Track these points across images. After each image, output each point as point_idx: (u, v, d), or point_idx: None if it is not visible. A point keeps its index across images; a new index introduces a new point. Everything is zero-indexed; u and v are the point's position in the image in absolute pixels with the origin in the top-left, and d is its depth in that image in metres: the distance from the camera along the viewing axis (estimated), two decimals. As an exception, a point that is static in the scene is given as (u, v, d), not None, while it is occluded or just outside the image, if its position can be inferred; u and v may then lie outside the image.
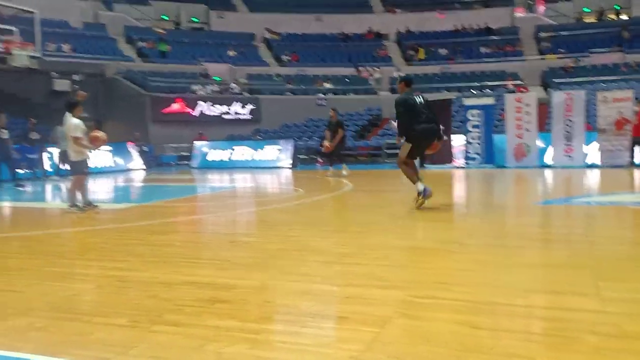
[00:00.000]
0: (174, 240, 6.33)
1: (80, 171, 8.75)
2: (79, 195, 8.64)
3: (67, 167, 10.46)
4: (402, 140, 7.77)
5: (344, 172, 14.59)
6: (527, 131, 16.48)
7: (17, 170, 15.55)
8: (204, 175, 17.84)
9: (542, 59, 29.12)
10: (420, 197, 7.51)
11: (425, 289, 3.67)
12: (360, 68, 29.49)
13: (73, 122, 8.47)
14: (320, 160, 20.47)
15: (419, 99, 7.67)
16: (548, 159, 16.50)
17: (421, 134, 7.62)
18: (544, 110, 19.57)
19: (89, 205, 8.69)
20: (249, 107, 26.29)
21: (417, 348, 2.64)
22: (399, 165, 7.91)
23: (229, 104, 26.04)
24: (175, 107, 25.20)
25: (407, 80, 8.03)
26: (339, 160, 15.34)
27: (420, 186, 7.50)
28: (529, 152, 16.48)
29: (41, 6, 24.55)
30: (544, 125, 19.11)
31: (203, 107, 25.60)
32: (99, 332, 3.01)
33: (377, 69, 28.83)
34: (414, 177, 7.69)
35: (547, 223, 6.85)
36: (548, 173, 14.60)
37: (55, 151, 17.30)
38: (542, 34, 30.66)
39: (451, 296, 3.50)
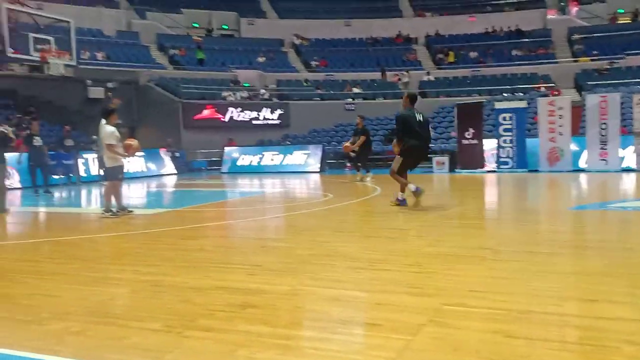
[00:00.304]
0: (205, 245, 6.40)
1: (115, 177, 8.94)
2: (113, 201, 8.82)
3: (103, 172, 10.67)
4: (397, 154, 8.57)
5: (367, 179, 14.56)
6: (560, 135, 16.19)
7: (53, 176, 15.96)
8: (234, 181, 18.01)
9: (575, 61, 28.57)
10: (395, 202, 8.45)
11: (457, 297, 3.63)
12: (386, 72, 29.36)
13: (108, 130, 8.66)
14: (348, 165, 20.47)
15: (418, 117, 8.36)
16: (582, 163, 16.17)
17: (411, 149, 8.34)
18: (577, 113, 19.18)
19: (123, 210, 8.86)
20: (278, 112, 26.44)
21: (449, 357, 2.62)
22: (390, 175, 8.71)
23: (258, 110, 26.25)
24: (206, 113, 25.50)
25: (412, 97, 8.74)
26: (363, 166, 15.32)
27: (409, 190, 8.40)
28: (562, 156, 16.18)
29: (76, 15, 25.19)
30: (577, 128, 18.72)
31: (233, 113, 25.85)
32: (134, 336, 3.06)
33: (406, 73, 28.67)
34: (404, 186, 8.51)
35: (581, 229, 6.71)
36: (582, 177, 14.30)
37: (90, 157, 17.72)
38: (575, 36, 30.06)
39: (484, 304, 3.46)
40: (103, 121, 8.79)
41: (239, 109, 25.96)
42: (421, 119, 8.38)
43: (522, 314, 3.25)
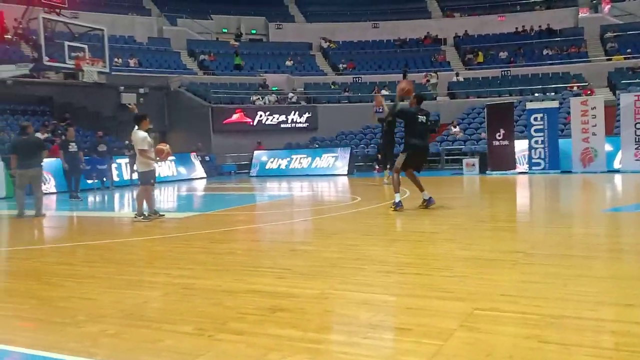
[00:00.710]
0: (235, 248, 6.46)
1: (147, 182, 9.10)
2: (145, 205, 8.98)
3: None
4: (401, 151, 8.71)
5: (385, 180, 14.42)
6: (593, 135, 15.85)
7: (87, 180, 16.32)
8: (263, 184, 18.13)
9: (608, 59, 27.95)
10: (393, 207, 8.43)
11: (490, 301, 3.59)
12: (407, 74, 29.19)
13: (140, 136, 8.83)
14: (377, 167, 20.40)
15: (422, 117, 8.50)
16: (617, 163, 15.79)
17: (413, 147, 8.46)
18: (611, 113, 18.76)
19: (155, 214, 9.02)
20: (306, 115, 26.54)
21: (482, 362, 2.59)
22: (394, 172, 8.76)
23: (286, 113, 26.40)
24: (235, 117, 25.76)
25: (420, 97, 8.85)
26: (391, 167, 15.24)
27: (397, 197, 8.47)
28: (596, 156, 15.83)
29: (109, 23, 25.75)
30: (612, 128, 18.31)
31: (261, 117, 26.05)
32: (168, 339, 3.12)
33: (433, 74, 28.45)
34: (397, 187, 8.58)
35: (616, 232, 6.56)
36: (617, 178, 13.97)
37: (122, 162, 18.06)
38: (608, 34, 29.42)
39: (517, 309, 3.41)
40: (135, 127, 8.97)
41: (268, 113, 26.15)
42: (424, 120, 8.53)
43: (555, 318, 3.19)
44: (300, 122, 26.50)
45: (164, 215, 9.17)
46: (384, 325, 3.26)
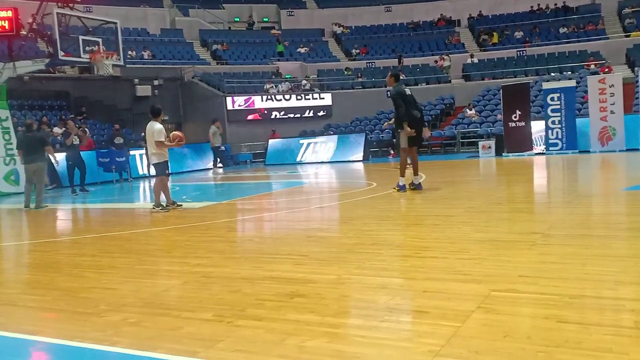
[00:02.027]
0: (252, 236, 6.51)
1: (162, 172, 9.19)
2: (163, 196, 9.07)
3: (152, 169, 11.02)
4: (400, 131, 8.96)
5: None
6: (612, 113, 15.60)
7: (108, 172, 16.56)
8: (278, 172, 18.17)
9: (626, 36, 27.38)
10: (397, 189, 9.03)
11: (508, 283, 3.58)
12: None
13: (157, 127, 8.93)
14: (392, 152, 20.32)
15: (408, 91, 9.02)
16: (637, 142, 15.54)
17: (414, 120, 8.86)
18: (630, 90, 18.43)
19: (173, 204, 9.11)
20: (320, 102, 26.47)
21: (500, 344, 2.59)
22: (402, 153, 9.11)
23: (300, 101, 26.36)
24: (250, 106, 25.78)
25: (396, 75, 9.32)
26: None
27: (402, 181, 9.01)
28: (615, 135, 15.59)
29: (122, 16, 25.81)
30: (631, 106, 18.00)
31: (276, 105, 26.05)
32: (188, 326, 3.16)
33: (446, 57, 28.12)
34: (404, 170, 9.05)
35: (636, 210, 6.47)
36: (637, 157, 13.75)
37: (137, 154, 18.20)
38: (626, 10, 28.78)
39: (535, 290, 3.40)
40: (152, 119, 9.06)
41: (282, 101, 26.13)
42: (409, 92, 9.04)
43: (574, 298, 3.18)
44: (314, 110, 26.45)
45: (181, 205, 9.26)
46: (401, 309, 3.28)
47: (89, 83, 23.60)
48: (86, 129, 17.32)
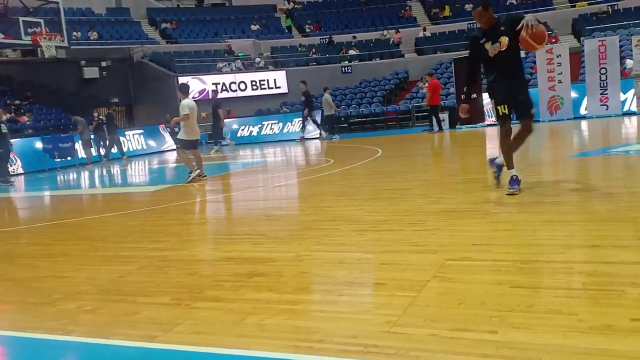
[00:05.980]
0: (209, 218, 6.44)
1: (189, 146, 9.98)
2: (195, 164, 9.77)
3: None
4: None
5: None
6: (559, 83, 16.04)
7: (52, 158, 16.20)
8: (235, 152, 17.99)
9: (572, 6, 28.04)
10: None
11: (462, 252, 3.65)
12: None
13: (184, 102, 9.73)
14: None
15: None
16: (583, 110, 16.06)
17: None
18: (576, 60, 18.96)
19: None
20: (275, 80, 26.22)
21: (455, 311, 2.65)
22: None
23: (254, 79, 26.03)
24: (202, 86, 25.31)
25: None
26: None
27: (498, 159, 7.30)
28: (562, 104, 16.06)
29: (64, -5, 24.78)
30: (577, 75, 18.53)
31: (230, 85, 25.66)
32: (145, 311, 3.11)
33: (386, 32, 28.15)
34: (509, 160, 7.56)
35: (584, 176, 6.70)
36: (584, 124, 14.21)
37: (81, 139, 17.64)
38: (572, -19, 29.41)
39: (489, 257, 3.49)
40: (181, 96, 9.94)
41: (235, 80, 25.75)
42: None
43: (526, 264, 3.28)
44: (269, 88, 26.19)
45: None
46: (359, 282, 3.31)
47: (33, 66, 22.68)
48: None
